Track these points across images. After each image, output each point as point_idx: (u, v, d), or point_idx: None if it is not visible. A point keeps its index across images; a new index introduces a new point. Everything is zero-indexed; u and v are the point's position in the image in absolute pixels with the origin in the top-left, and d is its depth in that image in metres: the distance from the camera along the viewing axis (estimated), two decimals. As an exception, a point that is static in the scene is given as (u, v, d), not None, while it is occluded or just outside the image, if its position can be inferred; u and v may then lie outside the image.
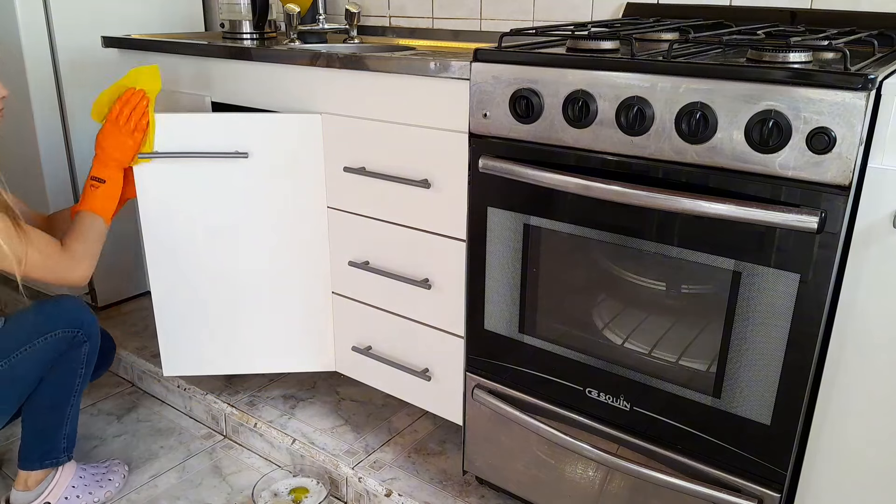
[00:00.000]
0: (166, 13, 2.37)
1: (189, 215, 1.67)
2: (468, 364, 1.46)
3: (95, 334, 1.51)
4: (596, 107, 1.14)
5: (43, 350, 1.42)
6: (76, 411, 1.56)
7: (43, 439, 1.53)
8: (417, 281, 1.52)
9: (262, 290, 1.73)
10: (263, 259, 1.70)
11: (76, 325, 1.46)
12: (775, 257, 1.03)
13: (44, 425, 1.52)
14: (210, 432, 1.88)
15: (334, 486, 1.65)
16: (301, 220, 1.67)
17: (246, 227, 1.68)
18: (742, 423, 1.12)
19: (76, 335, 1.46)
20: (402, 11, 2.13)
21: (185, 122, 1.61)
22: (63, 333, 1.44)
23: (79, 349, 1.48)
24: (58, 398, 1.50)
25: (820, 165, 0.96)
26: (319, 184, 1.64)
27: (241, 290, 1.73)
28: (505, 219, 1.30)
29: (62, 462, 1.55)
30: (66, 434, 1.55)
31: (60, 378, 1.48)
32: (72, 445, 1.57)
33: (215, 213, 1.67)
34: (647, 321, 1.20)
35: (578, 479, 1.36)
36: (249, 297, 1.74)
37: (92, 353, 1.52)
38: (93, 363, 1.54)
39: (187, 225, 1.68)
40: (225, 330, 1.76)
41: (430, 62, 1.36)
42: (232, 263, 1.71)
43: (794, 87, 0.96)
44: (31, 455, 1.52)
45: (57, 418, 1.52)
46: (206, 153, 1.62)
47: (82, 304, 1.50)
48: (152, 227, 1.68)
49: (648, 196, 1.07)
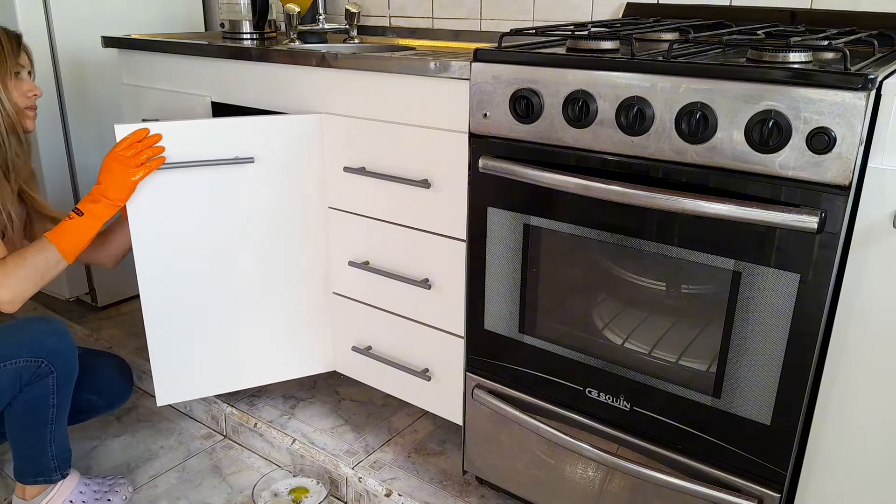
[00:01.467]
0: (166, 13, 2.38)
1: (187, 229, 1.55)
2: (468, 364, 1.46)
3: (65, 363, 1.40)
4: (596, 107, 1.14)
5: (2, 378, 1.33)
6: (61, 434, 1.48)
7: (30, 462, 1.46)
8: (417, 281, 1.52)
9: (262, 295, 1.66)
10: (264, 263, 1.65)
11: (40, 353, 1.35)
12: (775, 257, 1.03)
13: (26, 451, 1.46)
14: (210, 432, 1.88)
15: (334, 486, 1.65)
16: (301, 220, 1.67)
17: (248, 233, 1.61)
18: (742, 423, 1.12)
19: (40, 365, 1.36)
20: (402, 11, 2.13)
21: (185, 130, 1.50)
22: (25, 363, 1.34)
23: (44, 380, 1.38)
24: (32, 428, 1.42)
25: (820, 165, 0.96)
26: (319, 184, 1.64)
27: (239, 300, 1.65)
28: (505, 219, 1.30)
29: (56, 480, 1.50)
30: (55, 455, 1.47)
31: (30, 408, 1.40)
32: (65, 464, 1.51)
33: (217, 223, 1.58)
34: (647, 321, 1.20)
35: (578, 479, 1.36)
36: (248, 305, 1.66)
37: (64, 383, 1.41)
38: (66, 391, 1.43)
39: (184, 240, 1.55)
40: (223, 345, 1.66)
41: (430, 62, 1.36)
42: (231, 272, 1.62)
43: (794, 87, 0.96)
44: (24, 473, 1.47)
45: (37, 445, 1.44)
46: (209, 161, 1.52)
47: (54, 329, 1.40)
48: (145, 247, 1.52)
49: (648, 196, 1.07)
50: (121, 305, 2.44)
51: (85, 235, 1.41)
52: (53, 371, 1.39)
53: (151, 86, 1.95)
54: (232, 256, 1.62)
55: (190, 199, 1.54)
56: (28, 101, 1.51)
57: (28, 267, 1.36)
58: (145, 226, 1.51)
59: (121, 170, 1.41)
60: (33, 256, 1.37)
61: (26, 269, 1.35)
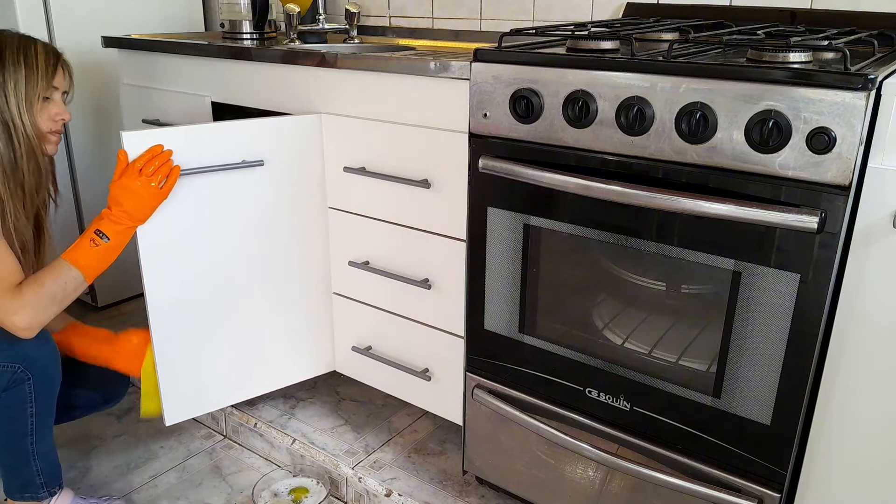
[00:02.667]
0: (166, 13, 2.38)
1: (194, 234, 1.51)
2: (468, 364, 1.46)
3: (43, 370, 1.34)
4: (596, 107, 1.14)
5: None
6: (47, 447, 1.41)
7: (14, 473, 1.41)
8: (417, 281, 1.52)
9: (263, 297, 1.64)
10: (265, 264, 1.63)
11: (16, 359, 1.30)
12: (775, 257, 1.03)
13: (9, 462, 1.39)
14: (210, 432, 1.88)
15: (334, 486, 1.65)
16: (302, 220, 1.66)
17: (252, 236, 1.58)
18: (742, 423, 1.12)
19: (16, 371, 1.30)
20: (402, 11, 2.13)
21: (194, 134, 1.45)
22: (1, 368, 1.29)
23: (20, 387, 1.32)
24: (12, 437, 1.37)
25: (820, 165, 0.96)
26: (320, 184, 1.64)
27: (243, 304, 1.61)
28: (505, 219, 1.30)
29: (43, 498, 1.44)
30: (40, 470, 1.41)
31: (7, 416, 1.34)
32: (53, 480, 1.45)
33: (223, 227, 1.54)
34: (647, 321, 1.20)
35: (578, 478, 1.36)
36: (252, 307, 1.63)
37: (44, 389, 1.35)
38: (46, 399, 1.37)
39: (190, 245, 1.51)
40: (230, 353, 1.63)
41: (430, 62, 1.36)
42: (234, 275, 1.59)
43: (794, 87, 0.96)
44: (10, 487, 1.42)
45: (20, 456, 1.38)
46: (220, 166, 1.48)
47: (35, 335, 1.34)
48: (154, 267, 1.48)
49: (648, 196, 1.07)
50: (121, 305, 2.44)
51: (109, 259, 1.38)
52: (30, 377, 1.33)
53: (151, 86, 1.95)
54: (236, 260, 1.58)
55: (198, 205, 1.49)
56: (54, 125, 1.40)
57: (46, 293, 1.31)
58: (153, 233, 1.45)
59: (144, 191, 1.36)
60: (53, 282, 1.32)
61: (44, 296, 1.31)
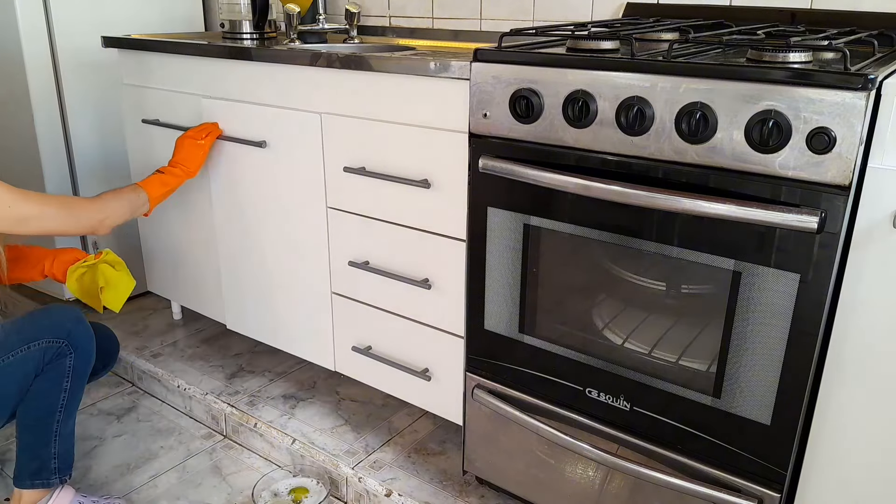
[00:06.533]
0: (166, 13, 2.38)
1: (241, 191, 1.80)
2: (468, 364, 1.46)
3: (84, 347, 1.45)
4: (596, 107, 1.14)
5: (24, 360, 1.37)
6: (68, 430, 1.48)
7: (32, 456, 1.46)
8: (417, 281, 1.52)
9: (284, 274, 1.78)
10: (277, 248, 1.72)
11: (62, 335, 1.41)
12: (775, 257, 1.03)
13: (30, 441, 1.45)
14: (210, 432, 1.88)
15: (334, 486, 1.65)
16: (301, 220, 1.67)
17: (263, 210, 1.78)
18: (742, 423, 1.12)
19: (61, 346, 1.41)
20: (402, 11, 2.13)
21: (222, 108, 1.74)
22: (47, 344, 1.39)
23: (62, 360, 1.42)
24: (42, 413, 1.44)
25: (820, 165, 0.96)
26: (319, 184, 1.64)
27: (270, 265, 1.82)
28: (505, 219, 1.30)
29: (53, 484, 1.47)
30: (57, 453, 1.47)
31: (44, 390, 1.42)
32: (66, 468, 1.49)
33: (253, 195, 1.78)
34: (646, 321, 1.20)
35: (578, 479, 1.36)
36: (279, 274, 1.81)
37: (81, 366, 1.46)
38: (82, 377, 1.47)
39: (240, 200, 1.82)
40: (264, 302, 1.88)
41: (430, 62, 1.36)
42: (265, 241, 1.81)
43: (793, 87, 0.96)
44: (22, 472, 1.46)
45: (43, 435, 1.45)
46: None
47: (75, 316, 1.45)
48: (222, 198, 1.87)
49: (648, 196, 1.07)
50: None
51: (167, 189, 1.71)
52: (72, 352, 1.43)
53: (151, 86, 1.95)
54: (263, 227, 1.81)
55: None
56: None
57: (122, 200, 1.61)
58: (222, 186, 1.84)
59: (190, 143, 1.75)
60: (128, 194, 1.63)
61: (120, 202, 1.60)
